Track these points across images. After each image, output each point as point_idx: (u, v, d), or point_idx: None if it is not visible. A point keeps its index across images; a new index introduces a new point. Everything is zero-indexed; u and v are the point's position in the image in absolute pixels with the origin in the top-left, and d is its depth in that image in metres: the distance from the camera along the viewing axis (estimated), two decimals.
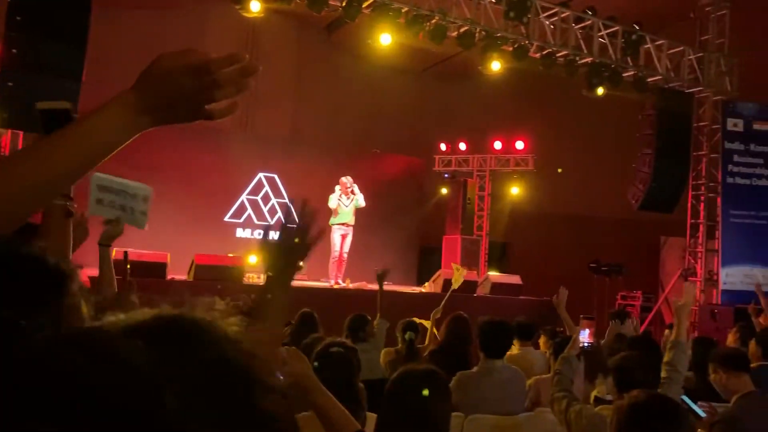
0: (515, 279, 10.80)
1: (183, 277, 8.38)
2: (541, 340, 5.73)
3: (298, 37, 11.52)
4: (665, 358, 3.33)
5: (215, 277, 7.97)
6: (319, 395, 1.93)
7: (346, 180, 9.67)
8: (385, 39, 8.64)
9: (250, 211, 12.01)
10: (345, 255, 9.66)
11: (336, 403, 1.93)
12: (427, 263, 13.24)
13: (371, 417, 3.19)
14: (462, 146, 13.82)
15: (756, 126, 11.13)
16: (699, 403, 3.78)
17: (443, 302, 6.14)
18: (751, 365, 4.67)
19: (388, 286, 10.98)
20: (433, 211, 13.95)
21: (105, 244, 2.64)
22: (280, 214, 12.12)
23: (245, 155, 11.85)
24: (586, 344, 3.49)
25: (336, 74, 12.52)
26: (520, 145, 13.39)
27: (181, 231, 10.53)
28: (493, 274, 11.10)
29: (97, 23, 6.90)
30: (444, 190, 13.82)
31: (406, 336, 5.23)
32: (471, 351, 4.94)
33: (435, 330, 5.58)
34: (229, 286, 7.92)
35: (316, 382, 1.95)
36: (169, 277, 8.06)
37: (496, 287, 10.38)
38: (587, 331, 3.51)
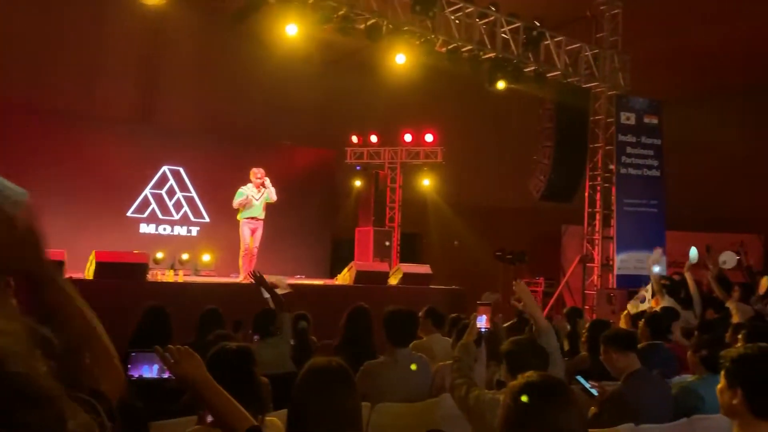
0: (425, 269, 10.96)
1: (81, 275, 7.96)
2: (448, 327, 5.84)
3: (203, 26, 11.16)
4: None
5: (117, 276, 7.62)
6: (211, 393, 1.87)
7: (258, 171, 9.48)
8: (291, 29, 8.51)
9: (154, 205, 11.60)
10: (255, 249, 9.48)
11: (230, 400, 1.88)
12: (339, 255, 13.22)
13: (282, 413, 3.15)
14: (373, 138, 13.86)
15: (646, 119, 11.79)
16: (591, 382, 3.96)
17: None
18: (640, 344, 4.97)
19: (300, 280, 10.98)
20: (346, 203, 13.94)
21: None
22: (186, 208, 11.77)
23: (148, 147, 11.42)
24: (483, 330, 3.57)
25: (243, 64, 12.23)
26: (429, 137, 13.58)
27: (79, 226, 10.03)
28: (405, 265, 11.22)
29: None
30: (356, 182, 13.82)
31: (299, 326, 5.21)
32: (374, 341, 4.97)
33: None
34: (132, 285, 7.64)
35: (209, 381, 1.89)
36: (66, 276, 7.63)
37: (407, 277, 10.49)
38: (484, 317, 3.59)
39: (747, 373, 2.16)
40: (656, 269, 8.67)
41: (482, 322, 3.56)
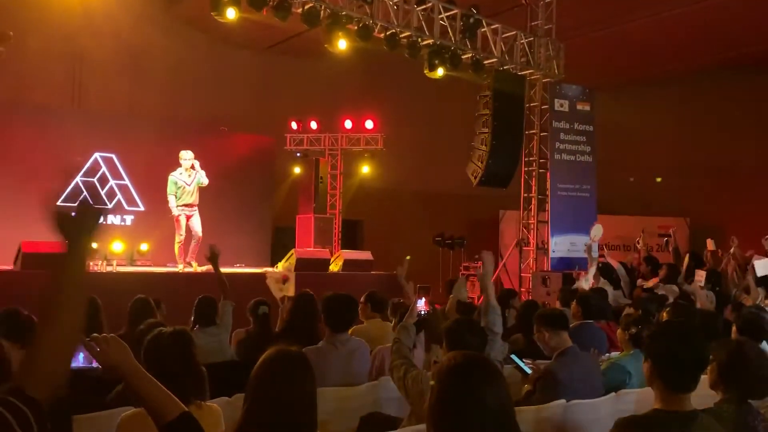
0: (366, 255, 11.01)
1: (8, 267, 7.63)
2: (389, 311, 5.90)
3: (135, 7, 10.77)
4: (482, 323, 3.54)
5: (45, 267, 7.31)
6: (140, 382, 1.83)
7: (186, 153, 9.27)
8: (229, 13, 8.32)
9: (85, 194, 11.17)
10: (198, 236, 9.30)
11: (160, 388, 1.84)
12: (280, 243, 13.11)
13: (221, 400, 3.11)
14: (313, 125, 13.75)
15: (579, 106, 12.11)
16: (525, 360, 4.07)
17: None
18: (573, 324, 5.13)
19: (240, 268, 10.83)
20: (286, 191, 13.81)
21: None
22: (119, 196, 11.43)
23: (78, 133, 11.02)
24: (422, 312, 3.62)
25: (177, 48, 11.90)
26: (369, 124, 13.57)
27: (5, 216, 9.60)
28: (346, 251, 11.23)
29: None
30: (296, 169, 13.70)
31: (259, 311, 5.18)
32: (319, 327, 4.99)
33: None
34: None
35: (137, 369, 1.85)
36: None
37: (349, 264, 10.52)
38: (423, 300, 3.65)
39: (653, 345, 2.30)
40: (594, 251, 8.99)
41: (421, 305, 3.62)
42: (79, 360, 1.85)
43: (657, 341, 2.30)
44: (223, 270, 5.46)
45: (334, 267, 10.65)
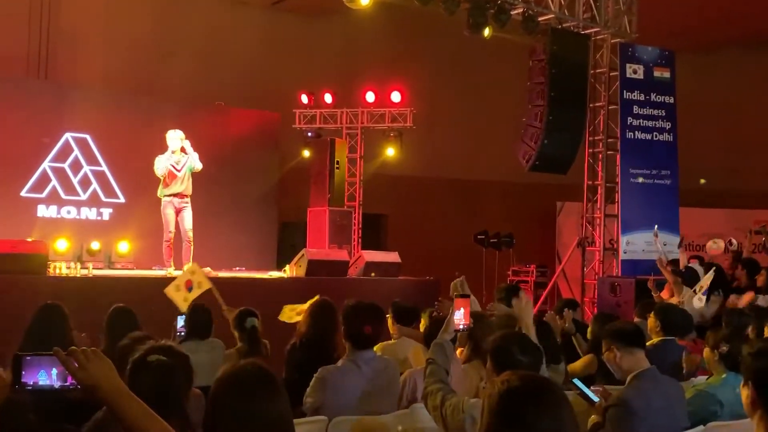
0: (393, 256, 11.00)
1: None
2: (422, 326, 5.90)
3: None
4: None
5: (8, 269, 7.50)
6: (126, 406, 1.85)
7: (175, 133, 9.34)
8: None
9: (55, 182, 11.39)
10: (189, 234, 9.38)
11: (150, 415, 1.86)
12: (288, 242, 13.17)
13: None
14: (328, 98, 13.77)
15: (656, 73, 11.96)
16: (592, 387, 4.04)
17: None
18: (650, 341, 5.08)
19: (239, 272, 10.91)
20: (295, 178, 13.85)
21: None
22: (95, 185, 11.58)
23: (46, 110, 11.20)
24: (462, 326, 3.61)
25: (161, 7, 12.03)
26: (396, 96, 13.55)
27: None
28: (368, 252, 11.25)
29: None
30: (307, 153, 13.75)
31: (247, 324, 5.23)
32: (337, 341, 5.01)
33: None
34: (28, 281, 7.51)
35: (122, 390, 1.87)
36: None
37: (372, 267, 10.53)
38: (462, 311, 3.63)
39: (756, 366, 2.27)
40: (660, 249, 8.88)
41: (460, 318, 3.60)
42: (52, 377, 1.87)
43: (760, 361, 2.26)
44: (220, 275, 5.54)
45: (354, 271, 10.66)
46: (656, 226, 10.02)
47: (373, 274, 10.46)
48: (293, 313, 6.03)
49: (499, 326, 5.30)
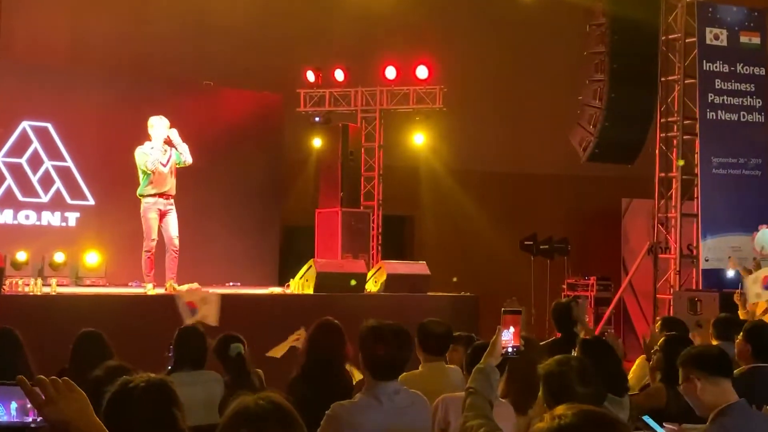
0: (420, 268, 10.98)
1: None
2: (457, 352, 5.89)
3: None
4: None
5: None
6: None
7: (159, 120, 9.38)
8: None
9: (10, 181, 11.45)
10: (176, 242, 9.42)
11: None
12: (292, 251, 13.17)
13: None
14: (339, 75, 13.80)
15: (743, 39, 11.84)
16: (665, 424, 4.01)
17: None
18: (739, 369, 5.03)
19: (234, 288, 10.94)
20: (300, 173, 13.90)
21: None
22: (59, 184, 11.65)
23: None
24: (510, 349, 3.60)
25: None
26: (423, 72, 13.54)
27: None
28: (390, 263, 11.25)
29: None
30: (316, 141, 13.77)
31: (231, 352, 5.22)
32: (345, 371, 5.02)
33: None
34: None
35: (98, 427, 1.89)
36: None
37: (394, 281, 10.52)
38: (512, 330, 3.61)
39: None
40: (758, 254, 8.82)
41: (509, 338, 3.58)
42: (10, 412, 1.88)
43: None
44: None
45: (373, 286, 10.67)
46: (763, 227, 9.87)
47: (396, 290, 10.45)
48: (282, 346, 6.10)
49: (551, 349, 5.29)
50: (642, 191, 13.01)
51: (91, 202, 11.93)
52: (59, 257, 10.77)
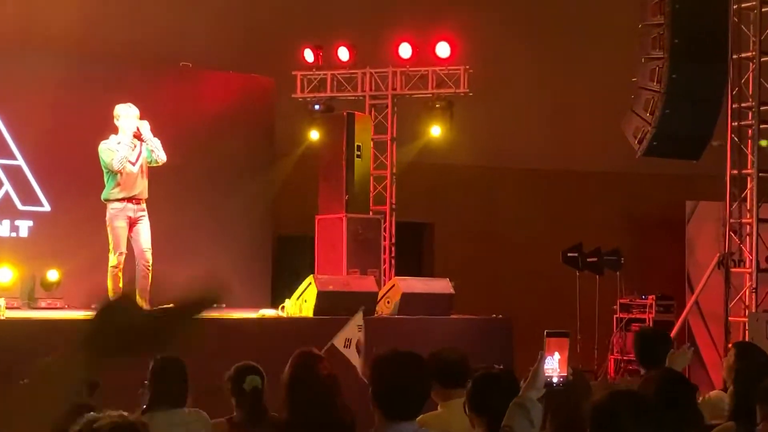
0: (442, 285, 10.99)
1: None
2: None
3: None
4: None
5: None
6: None
7: (127, 109, 9.42)
8: None
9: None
10: (148, 255, 9.45)
11: None
12: (287, 265, 13.19)
13: None
14: (343, 54, 13.82)
15: None
16: None
17: None
18: None
19: (219, 312, 10.94)
20: (297, 172, 13.91)
21: None
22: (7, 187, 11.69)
23: None
24: (555, 380, 3.60)
25: None
26: (443, 50, 13.55)
27: None
28: (404, 279, 11.25)
29: None
30: (314, 134, 13.80)
31: (246, 385, 5.24)
32: (338, 411, 5.04)
33: None
34: None
35: None
36: None
37: (410, 301, 10.54)
38: (557, 356, 3.62)
39: None
40: None
41: (554, 365, 3.59)
42: None
43: None
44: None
45: (385, 307, 10.67)
46: None
47: (413, 312, 10.45)
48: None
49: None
50: (710, 192, 12.98)
51: (47, 208, 11.96)
52: (6, 275, 10.80)
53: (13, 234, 11.81)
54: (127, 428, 2.84)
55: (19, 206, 11.84)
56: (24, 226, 11.88)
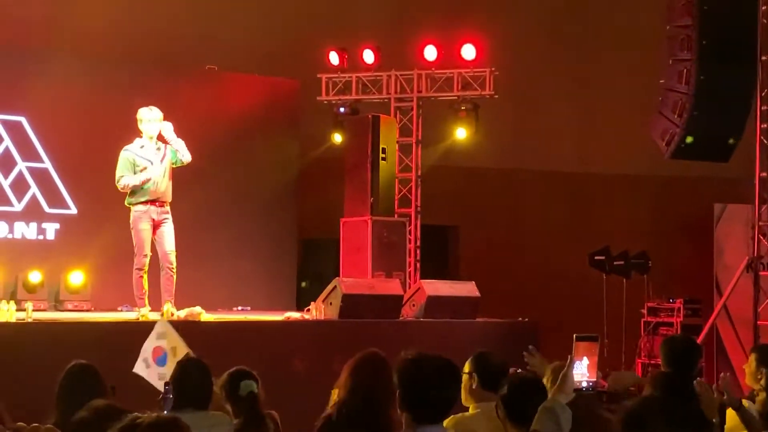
0: (467, 288, 10.96)
1: None
2: None
3: None
4: None
5: None
6: None
7: (150, 113, 9.42)
8: None
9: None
10: (172, 258, 9.44)
11: None
12: (312, 268, 13.20)
13: None
14: (368, 56, 13.82)
15: None
16: None
17: None
18: None
19: (243, 314, 10.96)
20: (321, 175, 13.91)
21: None
22: (35, 189, 11.71)
23: None
24: (585, 385, 3.57)
25: None
26: (469, 52, 13.53)
27: None
28: (430, 282, 11.23)
29: None
30: (338, 137, 13.80)
31: (241, 391, 5.23)
32: (391, 412, 5.00)
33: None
34: None
35: None
36: None
37: (436, 304, 10.51)
38: (586, 361, 3.58)
39: None
40: None
41: (583, 371, 3.55)
42: None
43: None
44: (215, 318, 5.58)
45: (410, 310, 10.65)
46: None
47: (438, 316, 10.43)
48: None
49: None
50: (739, 194, 12.90)
51: (73, 210, 12.00)
52: (35, 277, 10.84)
53: (40, 237, 11.85)
54: (168, 424, 2.84)
55: (46, 209, 11.88)
56: (51, 229, 11.92)
